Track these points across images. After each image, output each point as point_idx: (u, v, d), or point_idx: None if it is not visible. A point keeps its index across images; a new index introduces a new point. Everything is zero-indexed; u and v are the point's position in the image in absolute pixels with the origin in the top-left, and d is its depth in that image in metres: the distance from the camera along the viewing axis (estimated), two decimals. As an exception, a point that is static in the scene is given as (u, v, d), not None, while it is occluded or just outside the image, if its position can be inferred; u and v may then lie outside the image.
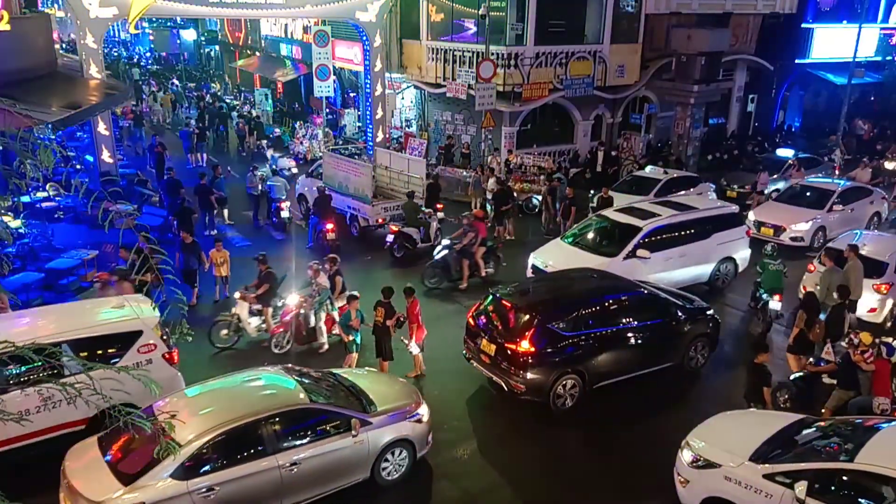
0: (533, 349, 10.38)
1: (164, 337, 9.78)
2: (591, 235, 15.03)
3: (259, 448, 8.06)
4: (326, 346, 12.71)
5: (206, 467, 7.76)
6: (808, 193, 18.80)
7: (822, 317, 11.63)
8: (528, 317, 10.69)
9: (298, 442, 8.31)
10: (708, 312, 12.20)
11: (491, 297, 11.52)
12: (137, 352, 9.46)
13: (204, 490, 7.67)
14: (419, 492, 9.25)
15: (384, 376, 10.54)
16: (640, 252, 13.82)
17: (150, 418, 5.38)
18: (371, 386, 9.62)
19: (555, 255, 14.46)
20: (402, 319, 11.53)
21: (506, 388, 10.67)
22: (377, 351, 11.42)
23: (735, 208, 16.19)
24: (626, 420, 10.75)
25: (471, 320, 11.58)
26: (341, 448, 8.50)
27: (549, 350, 10.47)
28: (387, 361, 11.47)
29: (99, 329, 9.32)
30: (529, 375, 10.37)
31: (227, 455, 7.89)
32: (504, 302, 11.18)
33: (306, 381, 9.08)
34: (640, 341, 11.31)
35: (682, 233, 14.71)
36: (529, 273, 14.58)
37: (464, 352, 11.69)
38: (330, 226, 17.54)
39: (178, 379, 9.78)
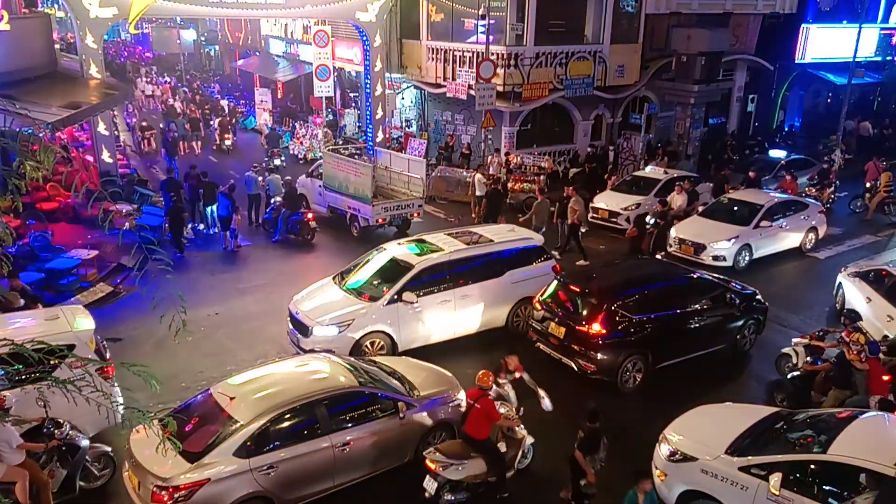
0: (604, 331, 10.89)
1: (99, 350, 9.55)
2: (367, 273, 12.63)
3: (314, 428, 8.43)
4: None
5: (267, 446, 8.08)
6: (735, 208, 17.22)
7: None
8: (598, 301, 11.16)
9: (349, 423, 8.66)
10: (757, 297, 12.69)
11: (558, 282, 11.95)
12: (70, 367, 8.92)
13: (264, 468, 8.00)
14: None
15: (423, 364, 10.70)
16: (405, 296, 11.82)
17: (148, 414, 5.36)
18: (412, 372, 9.95)
19: (313, 303, 12.12)
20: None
21: (576, 369, 11.12)
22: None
23: (539, 241, 13.87)
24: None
25: (538, 304, 11.93)
26: (389, 430, 8.81)
27: (618, 332, 10.96)
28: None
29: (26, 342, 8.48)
30: (600, 356, 10.87)
31: (285, 435, 8.27)
32: (573, 287, 11.68)
33: (353, 366, 9.42)
34: (699, 324, 11.80)
35: (467, 271, 12.60)
36: (288, 322, 12.23)
37: (530, 335, 12.02)
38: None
39: (116, 394, 8.85)
